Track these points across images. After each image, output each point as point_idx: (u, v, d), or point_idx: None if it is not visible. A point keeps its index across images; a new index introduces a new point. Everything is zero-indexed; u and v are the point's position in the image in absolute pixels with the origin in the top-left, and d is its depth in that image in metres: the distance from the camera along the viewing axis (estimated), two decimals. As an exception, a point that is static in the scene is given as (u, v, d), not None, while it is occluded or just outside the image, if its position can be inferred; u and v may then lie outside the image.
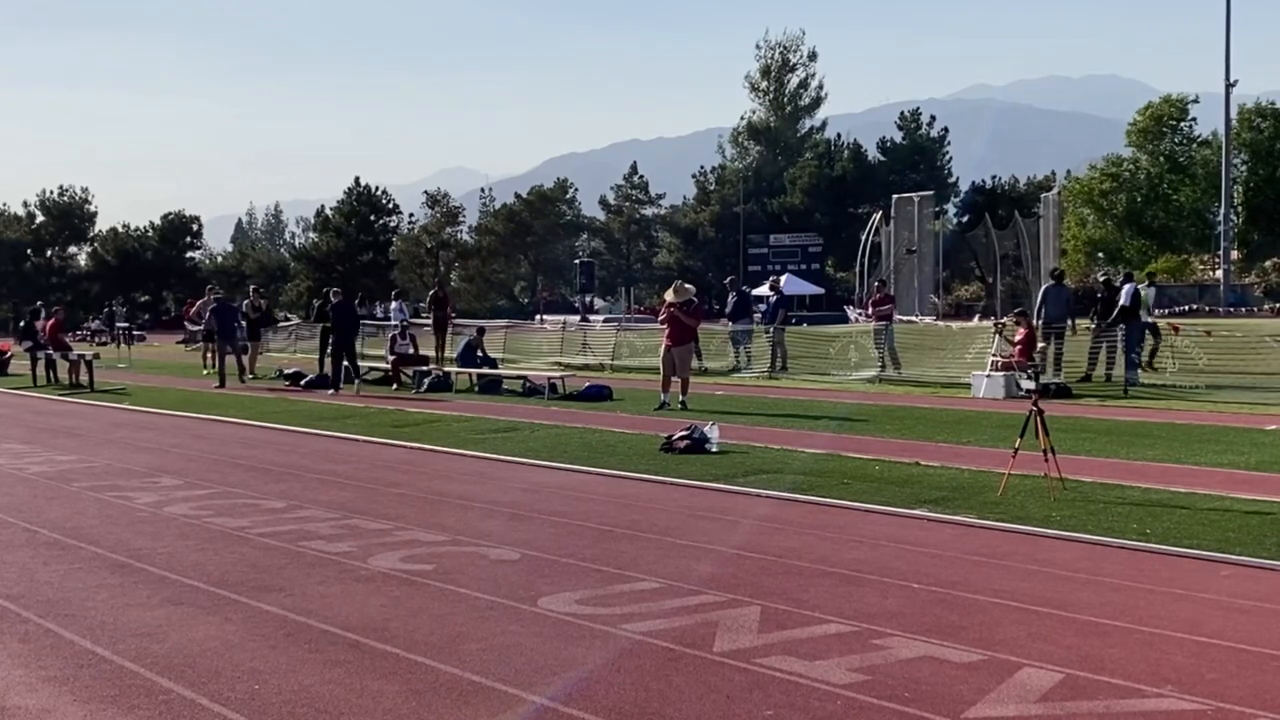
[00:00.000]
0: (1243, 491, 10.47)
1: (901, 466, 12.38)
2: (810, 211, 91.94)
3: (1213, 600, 6.94)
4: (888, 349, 26.11)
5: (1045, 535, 8.84)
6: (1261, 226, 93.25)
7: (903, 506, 10.08)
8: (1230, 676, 5.51)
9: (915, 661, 5.80)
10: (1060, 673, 5.58)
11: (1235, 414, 17.11)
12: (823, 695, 5.33)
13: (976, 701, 5.20)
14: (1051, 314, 23.75)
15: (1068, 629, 6.36)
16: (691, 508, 10.41)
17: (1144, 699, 5.21)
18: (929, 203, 64.81)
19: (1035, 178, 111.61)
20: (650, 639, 6.25)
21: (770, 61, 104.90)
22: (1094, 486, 10.84)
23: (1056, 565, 7.89)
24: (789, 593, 7.22)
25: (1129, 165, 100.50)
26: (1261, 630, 6.27)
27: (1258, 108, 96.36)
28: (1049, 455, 10.44)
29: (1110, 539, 8.61)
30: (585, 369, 29.36)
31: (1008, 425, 14.46)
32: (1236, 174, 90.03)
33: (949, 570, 7.81)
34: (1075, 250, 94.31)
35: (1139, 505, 9.93)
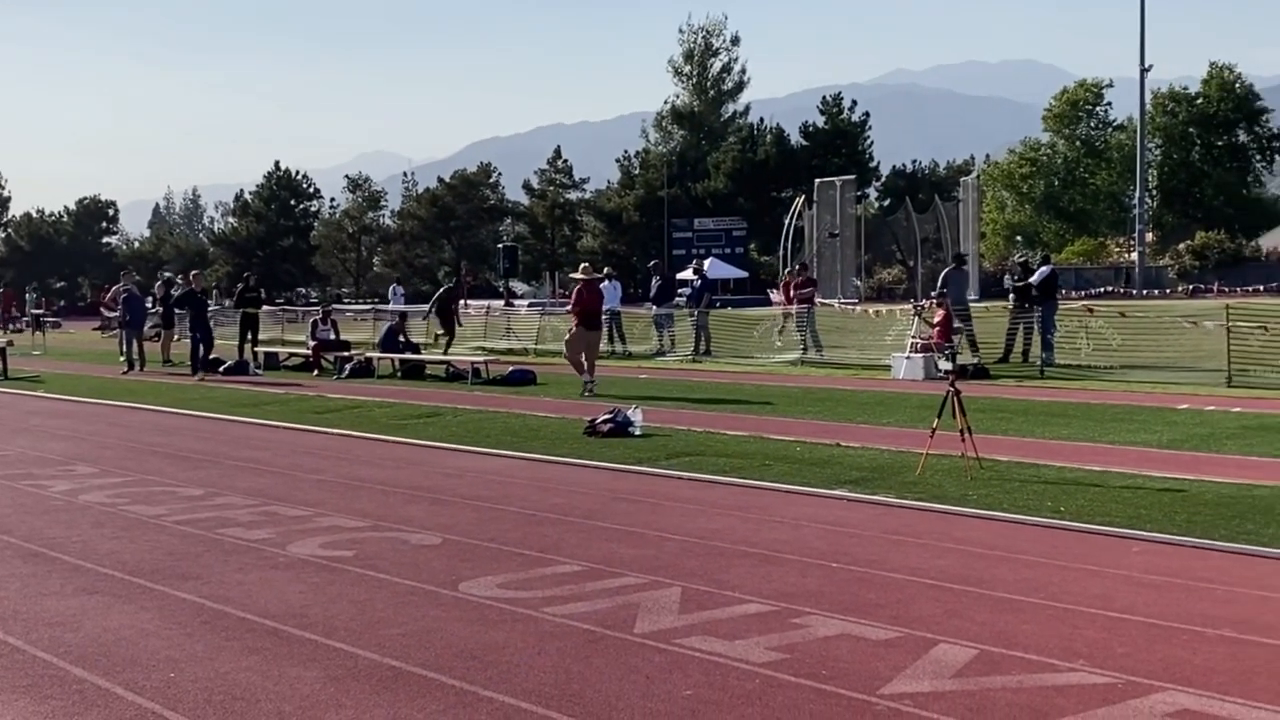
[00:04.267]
0: (1155, 469, 10.66)
1: (822, 448, 12.48)
2: (734, 195, 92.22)
3: (1124, 576, 7.07)
4: (809, 332, 26.30)
5: (962, 514, 8.96)
6: (1175, 209, 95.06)
7: (823, 487, 10.16)
8: (1140, 650, 5.62)
9: (833, 639, 5.87)
10: (975, 649, 5.67)
11: (1148, 394, 17.42)
12: (741, 674, 5.37)
13: (892, 678, 5.27)
14: (953, 296, 24.02)
15: (983, 606, 6.46)
16: (614, 491, 10.43)
17: (1056, 673, 5.31)
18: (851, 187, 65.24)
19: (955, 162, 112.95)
20: (571, 622, 6.27)
21: (693, 46, 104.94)
22: (1010, 465, 11.00)
23: (972, 543, 8.01)
24: (710, 574, 7.27)
25: (1046, 149, 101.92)
26: (1170, 605, 6.41)
27: (1171, 92, 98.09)
28: (966, 435, 10.58)
29: (1025, 517, 8.75)
30: (509, 354, 29.28)
31: (927, 406, 14.63)
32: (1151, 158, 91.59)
33: (867, 549, 7.90)
34: (994, 234, 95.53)
35: (1054, 484, 10.09)
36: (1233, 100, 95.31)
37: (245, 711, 5.04)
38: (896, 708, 4.92)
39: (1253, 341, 19.36)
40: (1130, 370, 20.31)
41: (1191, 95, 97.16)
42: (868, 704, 4.97)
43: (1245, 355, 18.82)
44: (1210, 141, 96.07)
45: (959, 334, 22.14)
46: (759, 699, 5.05)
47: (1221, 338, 19.07)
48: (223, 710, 5.06)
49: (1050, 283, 23.46)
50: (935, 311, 22.38)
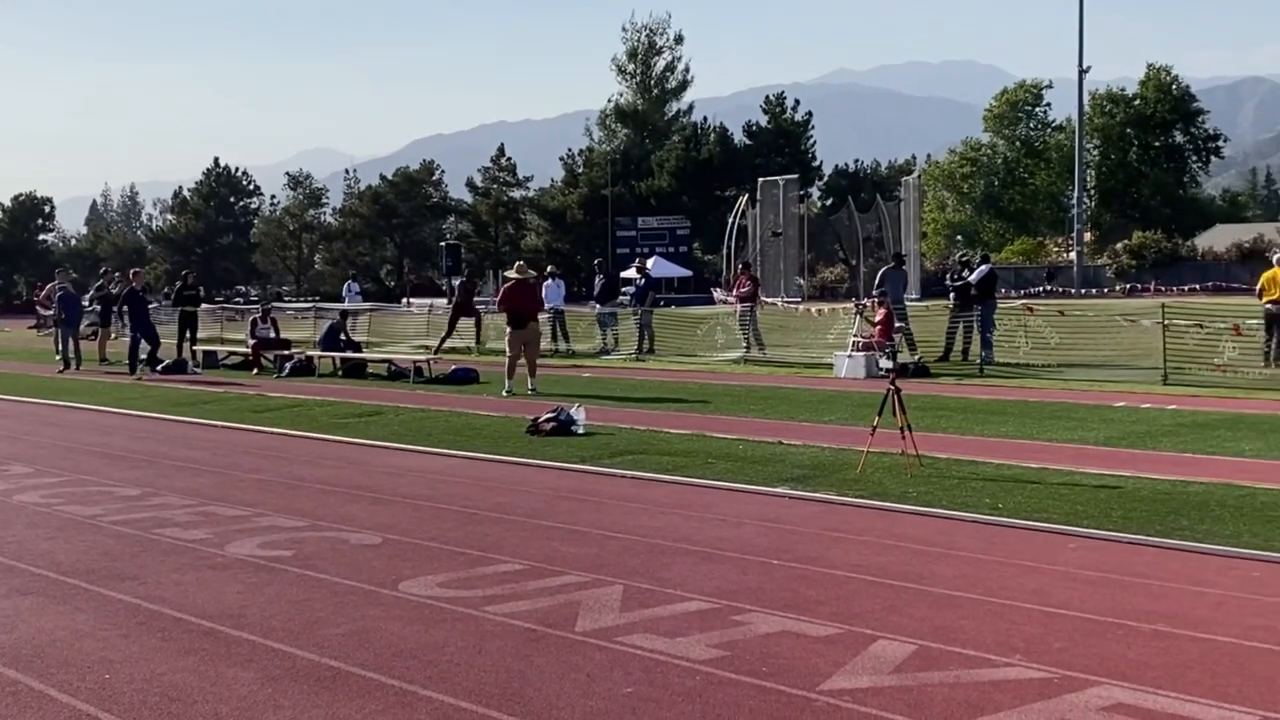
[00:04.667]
0: (1092, 466, 10.79)
1: (765, 446, 12.52)
2: (678, 194, 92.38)
3: (1061, 572, 7.15)
4: (752, 330, 26.40)
5: (902, 511, 9.03)
6: (1113, 209, 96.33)
7: (765, 485, 10.20)
8: (1075, 645, 5.69)
9: (774, 636, 5.89)
10: (913, 644, 5.71)
11: (1086, 391, 17.63)
12: (682, 671, 5.38)
13: (832, 674, 5.29)
14: (891, 295, 24.21)
15: (922, 602, 6.51)
16: (557, 489, 10.41)
17: (993, 668, 5.36)
18: (794, 186, 65.51)
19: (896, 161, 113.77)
20: (512, 620, 6.25)
21: (637, 44, 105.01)
22: (949, 463, 11.09)
23: (912, 540, 8.06)
24: (652, 571, 7.27)
25: (986, 150, 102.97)
26: (1106, 600, 6.48)
27: (1109, 94, 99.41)
28: (906, 433, 10.66)
29: (964, 514, 8.82)
30: (452, 352, 29.15)
31: (868, 404, 14.71)
32: (1089, 158, 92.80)
33: (808, 546, 7.93)
34: (935, 233, 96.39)
35: (992, 481, 10.18)
36: (1169, 102, 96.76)
37: (181, 713, 4.99)
38: (835, 703, 4.94)
39: (1188, 340, 19.65)
40: (1068, 368, 20.54)
41: (1129, 97, 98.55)
42: (807, 700, 4.99)
43: (1181, 353, 19.10)
44: (1147, 142, 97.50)
45: (899, 333, 22.34)
46: (699, 696, 5.06)
47: (1158, 336, 19.34)
48: (158, 711, 5.00)
49: (990, 282, 23.68)
50: (877, 310, 22.53)
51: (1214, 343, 19.67)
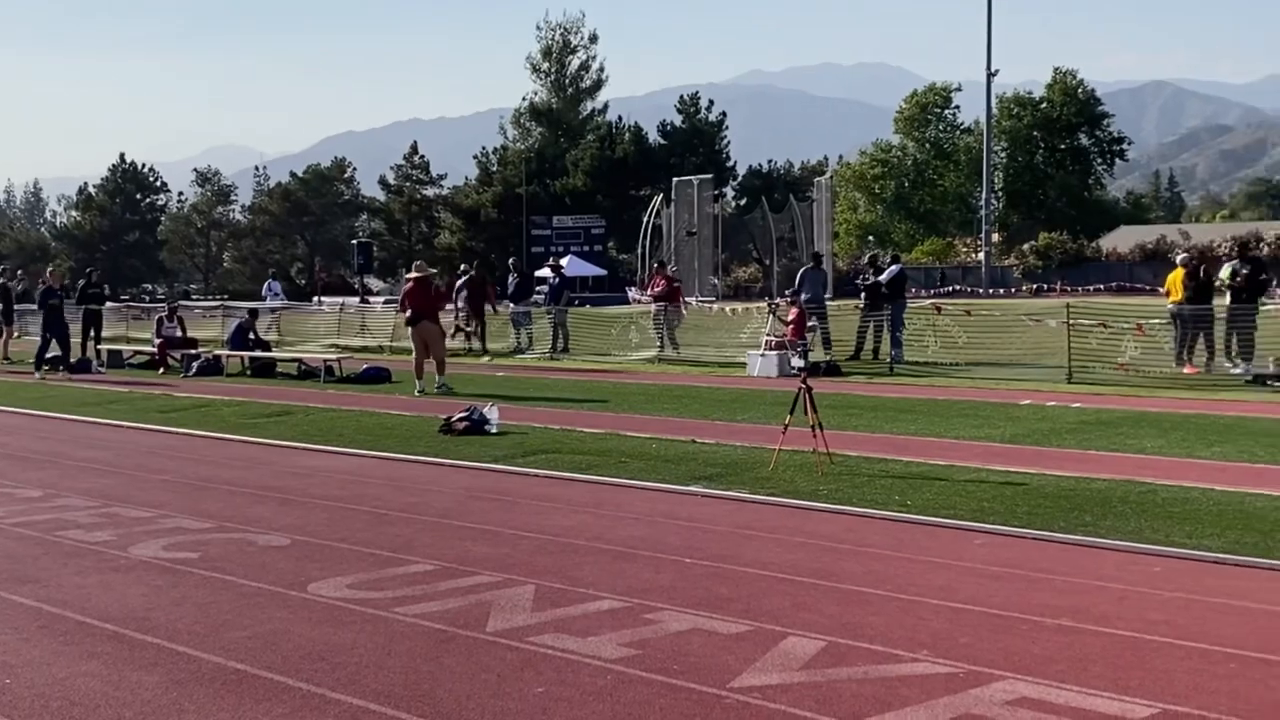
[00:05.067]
0: (998, 463, 10.95)
1: (678, 444, 12.56)
2: (593, 193, 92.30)
3: (967, 567, 7.25)
4: (667, 329, 26.48)
5: (813, 508, 9.10)
6: (1020, 211, 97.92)
7: (678, 483, 10.23)
8: (981, 640, 5.77)
9: (685, 634, 5.91)
10: (823, 640, 5.76)
11: (992, 390, 17.89)
12: (594, 670, 5.37)
13: (742, 671, 5.32)
14: (811, 294, 24.43)
15: (831, 598, 6.57)
16: (469, 489, 10.36)
17: (900, 663, 5.42)
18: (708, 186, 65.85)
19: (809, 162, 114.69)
20: (423, 621, 6.21)
21: (551, 43, 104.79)
22: (859, 461, 11.20)
23: (822, 537, 8.13)
24: (564, 571, 7.26)
25: (897, 151, 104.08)
26: (1011, 595, 6.58)
27: (1016, 97, 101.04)
28: (817, 431, 10.74)
29: (873, 511, 8.91)
30: (364, 351, 28.91)
31: (780, 403, 14.80)
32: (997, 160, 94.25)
33: (720, 544, 7.97)
34: (847, 233, 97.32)
35: (901, 478, 10.30)
36: (1075, 105, 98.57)
37: (84, 718, 4.90)
38: (745, 700, 4.97)
39: (1092, 339, 20.04)
40: (976, 367, 20.85)
41: (1036, 100, 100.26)
42: (717, 697, 5.01)
43: (1085, 352, 19.47)
44: (1054, 145, 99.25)
45: (813, 331, 22.52)
46: (610, 695, 5.06)
47: (1062, 335, 19.69)
48: (60, 717, 4.90)
49: (900, 282, 23.95)
50: (789, 310, 22.70)
51: (1117, 342, 20.08)
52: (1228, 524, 8.20)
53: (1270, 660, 5.38)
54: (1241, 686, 5.05)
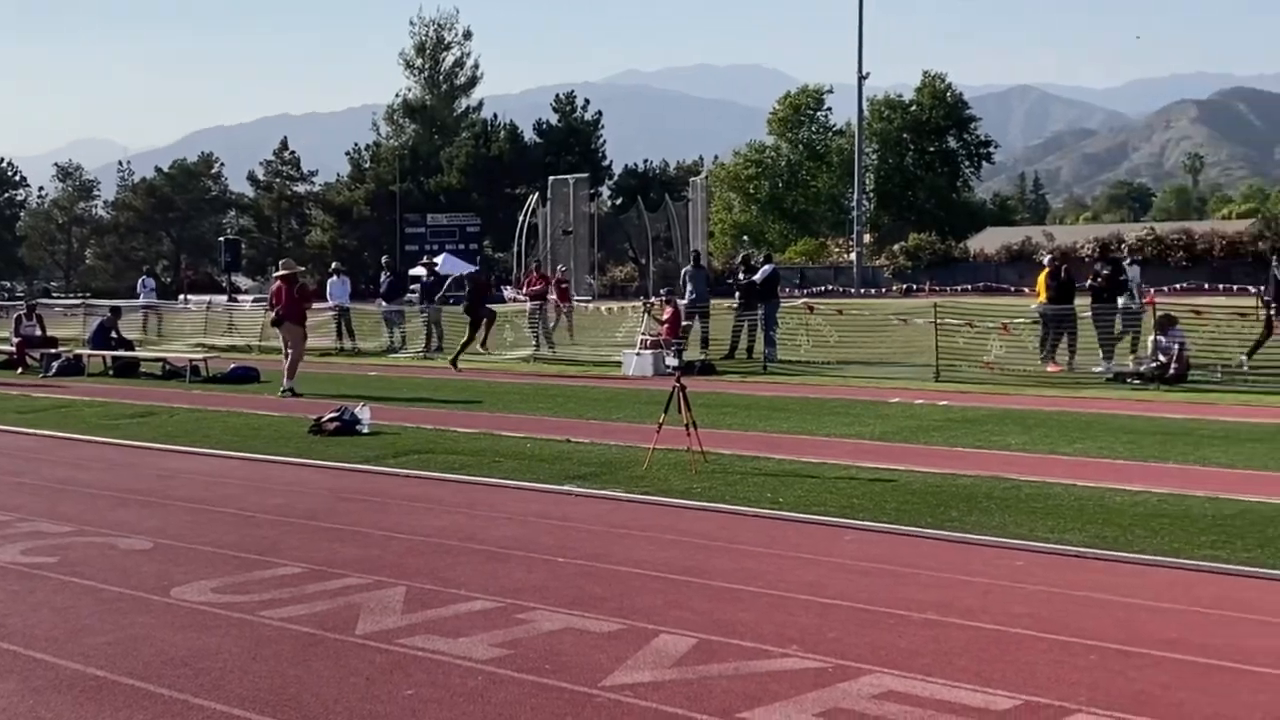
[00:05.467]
0: (867, 461, 11.11)
1: (553, 444, 12.52)
2: (468, 191, 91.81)
3: (837, 563, 7.34)
4: (542, 329, 26.43)
5: (686, 507, 9.13)
6: (891, 212, 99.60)
7: (552, 483, 10.19)
8: (850, 634, 5.84)
9: (557, 634, 5.88)
10: (694, 638, 5.78)
11: (863, 388, 18.15)
12: (464, 672, 5.32)
13: (614, 669, 5.31)
14: (696, 293, 24.61)
15: (703, 595, 6.59)
16: (339, 490, 10.21)
17: (770, 659, 5.46)
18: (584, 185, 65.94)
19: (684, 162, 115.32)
20: (290, 625, 6.09)
21: (425, 39, 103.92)
22: (732, 459, 11.27)
23: (695, 535, 8.17)
24: (435, 572, 7.19)
25: (771, 152, 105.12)
26: (879, 590, 6.67)
27: (887, 100, 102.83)
28: (691, 430, 10.79)
29: (746, 508, 8.97)
30: (231, 350, 28.35)
31: (655, 401, 14.82)
32: (868, 162, 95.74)
33: (594, 543, 7.96)
34: (722, 233, 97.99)
35: (773, 476, 10.40)
36: (944, 108, 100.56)
37: (-72, 733, 4.71)
38: (617, 698, 4.96)
39: (958, 338, 20.46)
40: (847, 366, 21.13)
41: (906, 103, 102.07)
42: (589, 696, 5.00)
43: (952, 351, 19.86)
44: (923, 147, 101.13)
45: (689, 330, 22.66)
46: (480, 696, 5.02)
47: (930, 335, 20.06)
48: (-97, 732, 4.72)
49: (773, 281, 24.19)
50: (664, 309, 22.79)
51: (983, 341, 20.52)
52: (1089, 519, 8.41)
53: (1128, 651, 5.52)
54: (1101, 678, 5.18)
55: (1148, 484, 9.60)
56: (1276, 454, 11.20)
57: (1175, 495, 9.15)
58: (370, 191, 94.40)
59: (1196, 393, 16.53)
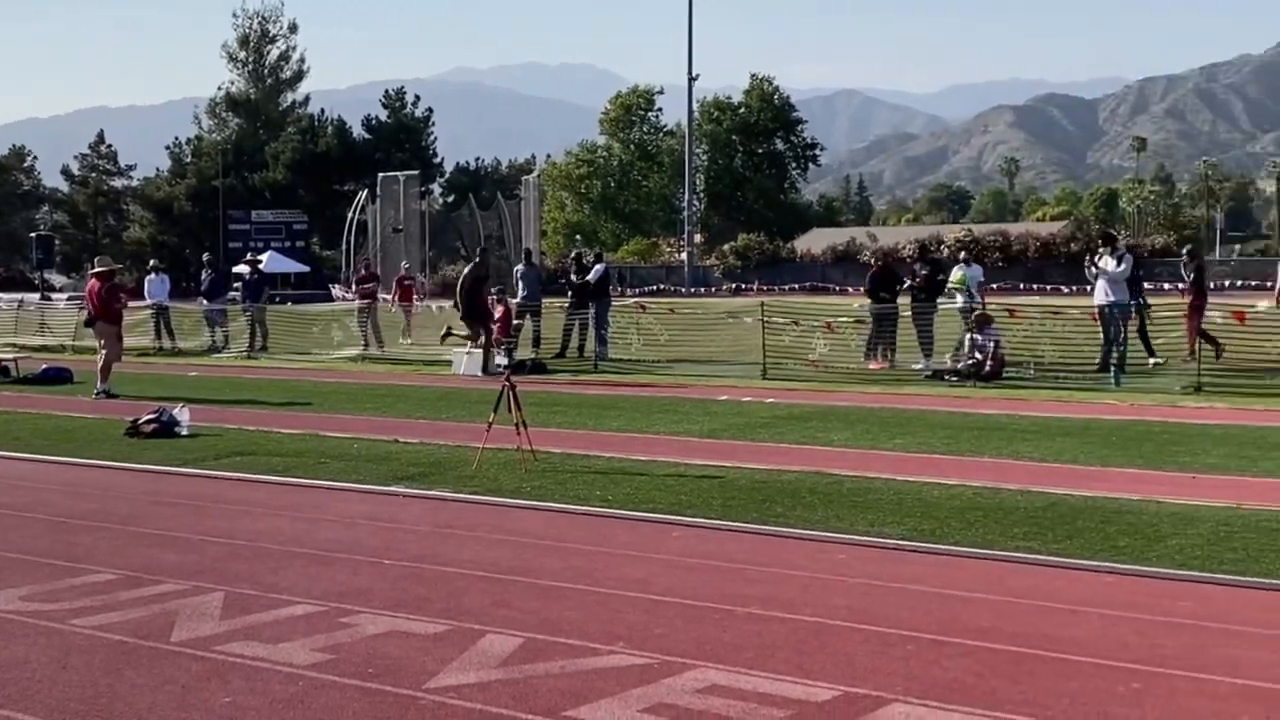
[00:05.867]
0: (696, 458, 11.23)
1: (380, 444, 12.36)
2: (294, 188, 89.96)
3: (664, 560, 7.40)
4: (371, 327, 26.08)
5: (515, 506, 9.11)
6: (721, 212, 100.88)
7: (379, 484, 10.07)
8: (676, 631, 5.89)
9: (381, 637, 5.81)
10: (521, 637, 5.77)
11: (693, 386, 18.34)
12: (284, 678, 5.22)
13: (439, 671, 5.27)
14: (528, 291, 24.55)
15: (530, 595, 6.58)
16: (156, 494, 9.92)
17: (597, 657, 5.48)
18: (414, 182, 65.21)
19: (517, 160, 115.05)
20: (102, 633, 5.89)
21: (249, 31, 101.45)
22: (563, 457, 11.28)
23: (524, 534, 8.15)
24: (256, 577, 7.03)
25: (603, 152, 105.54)
26: (705, 586, 6.75)
27: (716, 101, 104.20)
28: (521, 429, 10.76)
29: (575, 507, 8.99)
30: (44, 350, 27.29)
31: (485, 401, 14.73)
32: (699, 163, 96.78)
33: (421, 544, 7.88)
34: (555, 232, 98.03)
35: (603, 474, 10.43)
36: (771, 111, 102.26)
37: None
38: (442, 700, 4.93)
39: (785, 337, 20.81)
40: (677, 364, 21.31)
41: (735, 105, 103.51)
42: (413, 699, 4.95)
43: (779, 349, 20.19)
44: (752, 149, 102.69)
45: (520, 329, 22.59)
46: (300, 702, 4.93)
47: (758, 333, 20.36)
48: None
49: (604, 280, 24.26)
50: (496, 308, 22.67)
51: (808, 339, 20.91)
52: (907, 512, 8.64)
53: (943, 641, 5.68)
54: (916, 667, 5.32)
55: (964, 478, 9.90)
56: (1085, 448, 11.66)
57: (990, 489, 9.45)
58: (191, 187, 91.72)
59: (1010, 389, 17.10)
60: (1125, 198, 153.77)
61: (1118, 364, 17.69)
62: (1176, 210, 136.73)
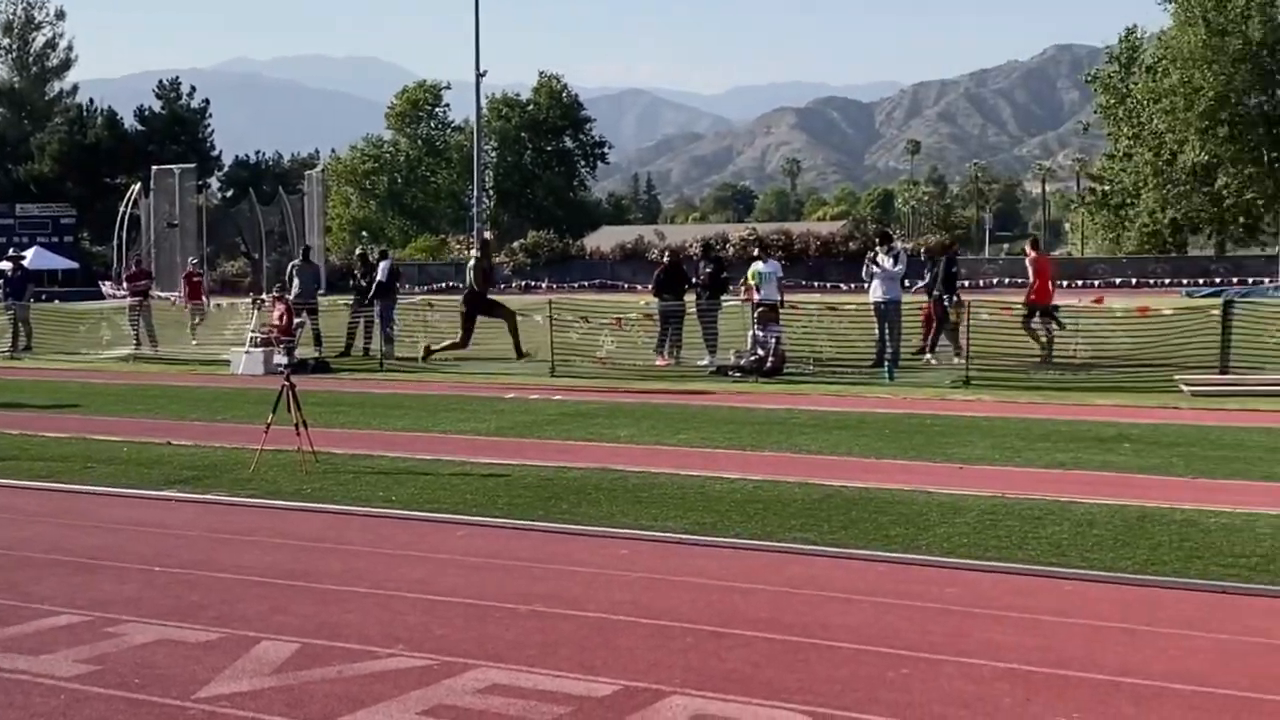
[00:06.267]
0: (482, 456, 11.16)
1: (152, 447, 11.93)
2: (61, 180, 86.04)
3: (448, 559, 7.34)
4: (144, 326, 25.16)
5: (294, 508, 8.91)
6: (511, 209, 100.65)
7: (150, 488, 9.71)
8: (457, 631, 5.84)
9: (150, 646, 5.61)
10: (297, 642, 5.64)
11: (480, 384, 18.23)
12: (46, 691, 4.99)
13: (210, 680, 5.12)
14: (303, 289, 24.00)
15: (308, 599, 6.44)
16: (-94, 503, 9.36)
17: (376, 660, 5.39)
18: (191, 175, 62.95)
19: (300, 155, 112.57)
20: None
21: (12, 17, 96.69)
22: (345, 458, 11.07)
23: (303, 537, 7.98)
24: (16, 586, 6.71)
25: (390, 147, 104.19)
26: (489, 584, 6.71)
27: (505, 98, 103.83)
28: (302, 430, 10.52)
29: (357, 508, 8.84)
30: None
31: (264, 401, 14.33)
32: (488, 160, 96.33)
33: (194, 550, 7.63)
34: (340, 228, 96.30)
35: (387, 474, 10.29)
36: (560, 108, 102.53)
37: None
38: (212, 710, 4.78)
39: (573, 334, 20.88)
40: (464, 362, 21.12)
41: (524, 102, 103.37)
42: (182, 709, 4.79)
43: (566, 347, 20.24)
44: (541, 146, 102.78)
45: (301, 328, 22.08)
46: (63, 715, 4.73)
47: (546, 330, 20.37)
48: None
49: (390, 278, 23.90)
50: (275, 306, 22.14)
51: (596, 336, 21.03)
52: (690, 506, 8.76)
53: (722, 633, 5.78)
54: (695, 660, 5.40)
55: (745, 472, 10.10)
56: (861, 440, 12.02)
57: (770, 482, 9.66)
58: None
59: (791, 384, 17.52)
60: (901, 198, 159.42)
61: (891, 359, 18.30)
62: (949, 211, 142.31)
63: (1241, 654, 5.45)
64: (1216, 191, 58.59)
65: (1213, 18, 55.41)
